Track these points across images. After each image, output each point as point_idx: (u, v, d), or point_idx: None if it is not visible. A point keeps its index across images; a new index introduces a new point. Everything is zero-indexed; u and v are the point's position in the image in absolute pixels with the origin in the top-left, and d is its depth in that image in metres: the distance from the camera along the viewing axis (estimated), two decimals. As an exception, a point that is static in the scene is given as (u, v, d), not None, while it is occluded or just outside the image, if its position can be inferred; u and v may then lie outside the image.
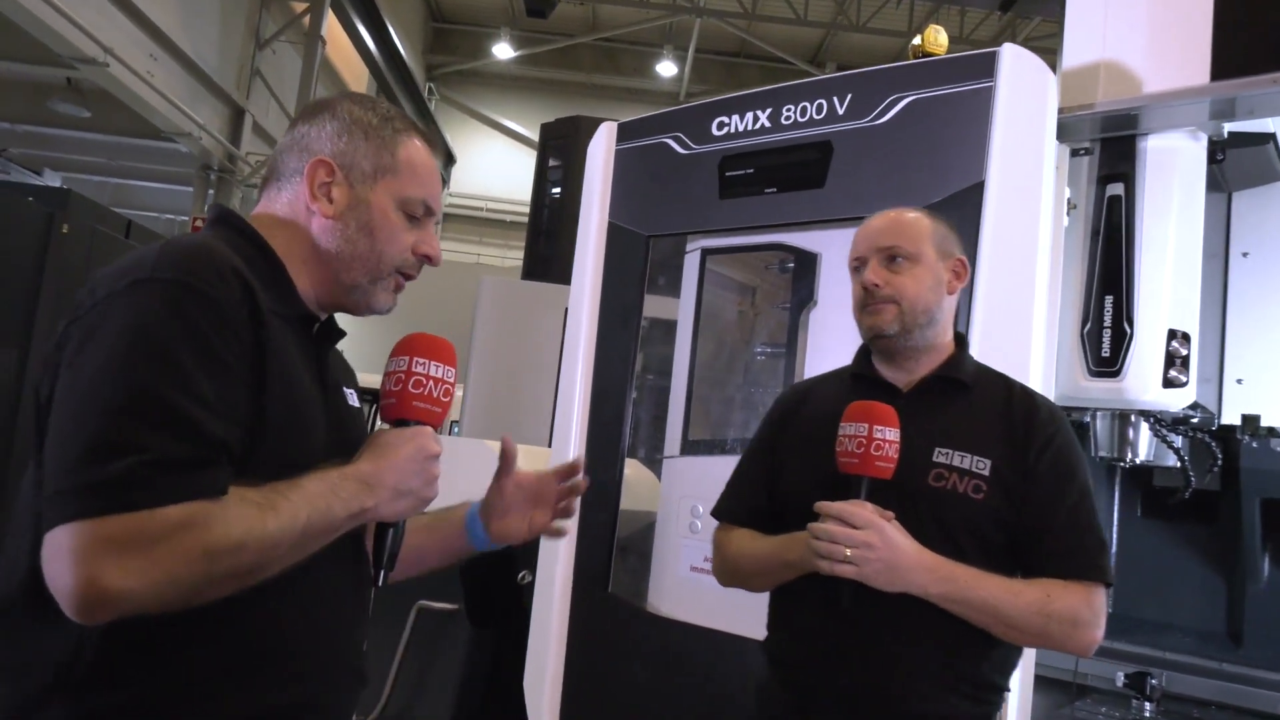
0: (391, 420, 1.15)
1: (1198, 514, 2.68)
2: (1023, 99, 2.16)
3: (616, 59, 17.12)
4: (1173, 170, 2.25)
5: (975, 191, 2.16)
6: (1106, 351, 2.23)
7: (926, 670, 1.50)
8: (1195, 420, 2.41)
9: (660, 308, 2.92)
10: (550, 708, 2.72)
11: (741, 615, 2.43)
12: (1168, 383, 2.18)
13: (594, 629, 2.71)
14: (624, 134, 2.94)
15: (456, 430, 5.35)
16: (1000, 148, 2.15)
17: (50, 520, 0.91)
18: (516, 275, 6.15)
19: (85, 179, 13.26)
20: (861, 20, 14.67)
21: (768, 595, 1.73)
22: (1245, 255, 2.58)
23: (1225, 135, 2.25)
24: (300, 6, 11.68)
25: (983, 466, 1.51)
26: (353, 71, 14.30)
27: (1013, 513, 1.51)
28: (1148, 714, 2.40)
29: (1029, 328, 2.05)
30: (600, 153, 2.94)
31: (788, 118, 2.55)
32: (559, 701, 2.72)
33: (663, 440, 2.81)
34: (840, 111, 2.44)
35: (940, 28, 3.02)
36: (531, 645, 2.79)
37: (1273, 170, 2.48)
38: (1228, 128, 2.24)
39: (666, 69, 16.35)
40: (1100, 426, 2.40)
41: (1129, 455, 2.37)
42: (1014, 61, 2.17)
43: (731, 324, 2.96)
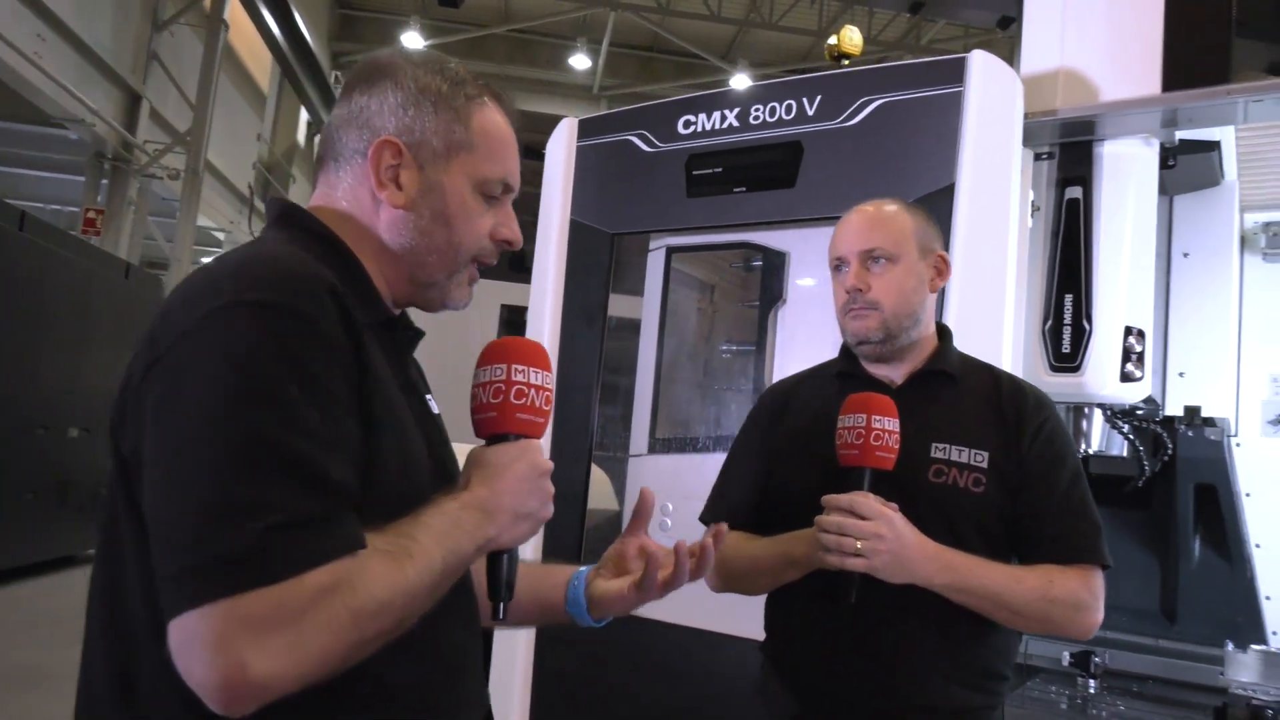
0: (489, 435, 1.03)
1: (1135, 500, 2.82)
2: (992, 104, 2.23)
3: (530, 51, 16.96)
4: (1128, 174, 2.37)
5: (946, 194, 2.23)
6: (1067, 348, 2.33)
7: (932, 662, 1.51)
8: (1142, 412, 2.54)
9: (621, 306, 2.91)
10: (520, 712, 2.69)
11: (712, 612, 2.46)
12: (1124, 377, 2.29)
13: (562, 630, 2.69)
14: (585, 130, 2.91)
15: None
16: (971, 151, 2.22)
17: (175, 605, 0.79)
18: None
19: (-38, 167, 12.42)
20: (774, 18, 14.91)
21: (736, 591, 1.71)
22: (1186, 255, 2.73)
23: (1177, 142, 2.39)
24: (201, -12, 11.20)
25: (980, 459, 1.52)
26: (256, 58, 13.78)
27: (1009, 502, 1.52)
28: (1092, 690, 2.50)
29: (1001, 326, 2.13)
30: (561, 149, 2.91)
31: (756, 117, 2.57)
32: (529, 704, 2.69)
33: (629, 438, 2.80)
34: (810, 112, 2.48)
35: (855, 28, 3.10)
36: (497, 650, 2.76)
37: (1213, 175, 2.64)
38: (1178, 135, 2.37)
39: (580, 62, 16.29)
40: (1057, 418, 2.51)
41: (1083, 445, 2.48)
42: (983, 68, 2.25)
43: (695, 322, 2.98)
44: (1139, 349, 2.30)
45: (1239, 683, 2.20)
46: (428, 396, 1.14)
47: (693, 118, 2.69)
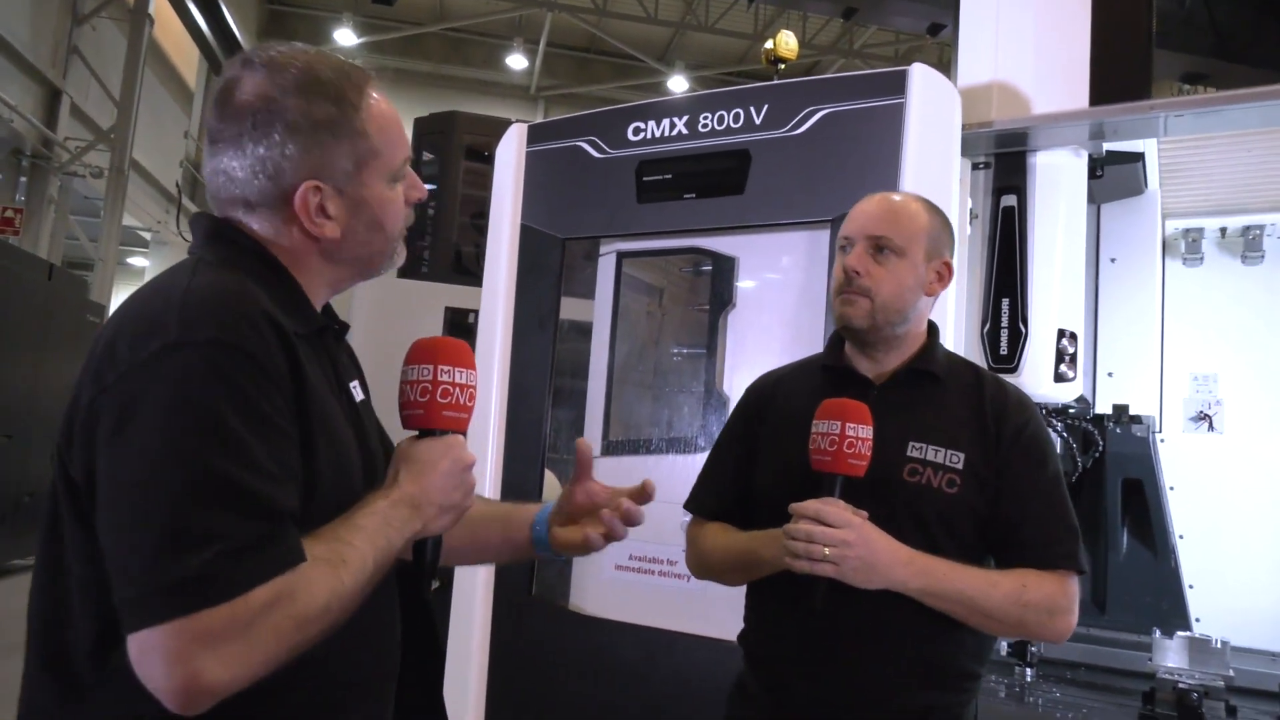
0: (418, 429, 1.11)
1: (1067, 494, 2.94)
2: (932, 116, 2.31)
3: (465, 50, 16.81)
4: (1059, 184, 2.48)
5: (889, 202, 2.30)
6: (1004, 350, 2.42)
7: (904, 663, 1.50)
8: (1074, 410, 2.65)
9: (572, 309, 2.93)
10: (475, 716, 2.69)
11: (670, 612, 2.50)
12: (1058, 377, 2.39)
13: (518, 633, 2.70)
14: (535, 136, 2.93)
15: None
16: (912, 160, 2.29)
17: (136, 622, 0.88)
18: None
19: None
20: (710, 21, 15.03)
21: (702, 593, 1.72)
22: (1113, 260, 2.86)
23: (1104, 153, 2.51)
24: (124, -19, 10.85)
25: (956, 460, 1.51)
26: (182, 53, 13.39)
27: (985, 505, 1.51)
28: (1029, 678, 2.60)
29: (945, 330, 2.19)
30: (511, 155, 2.92)
31: (705, 125, 2.62)
32: (484, 708, 2.70)
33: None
34: (758, 121, 2.54)
35: (790, 33, 3.18)
36: (452, 654, 2.75)
37: (1138, 184, 2.77)
38: (1105, 146, 2.49)
39: (517, 62, 16.20)
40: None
41: (1018, 444, 2.58)
42: (923, 80, 2.33)
43: (646, 325, 3.01)
44: (1072, 350, 2.41)
45: (1165, 668, 2.31)
46: (353, 384, 1.21)
47: (642, 124, 2.72)
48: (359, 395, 1.22)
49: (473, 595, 2.74)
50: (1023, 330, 2.41)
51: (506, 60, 16.23)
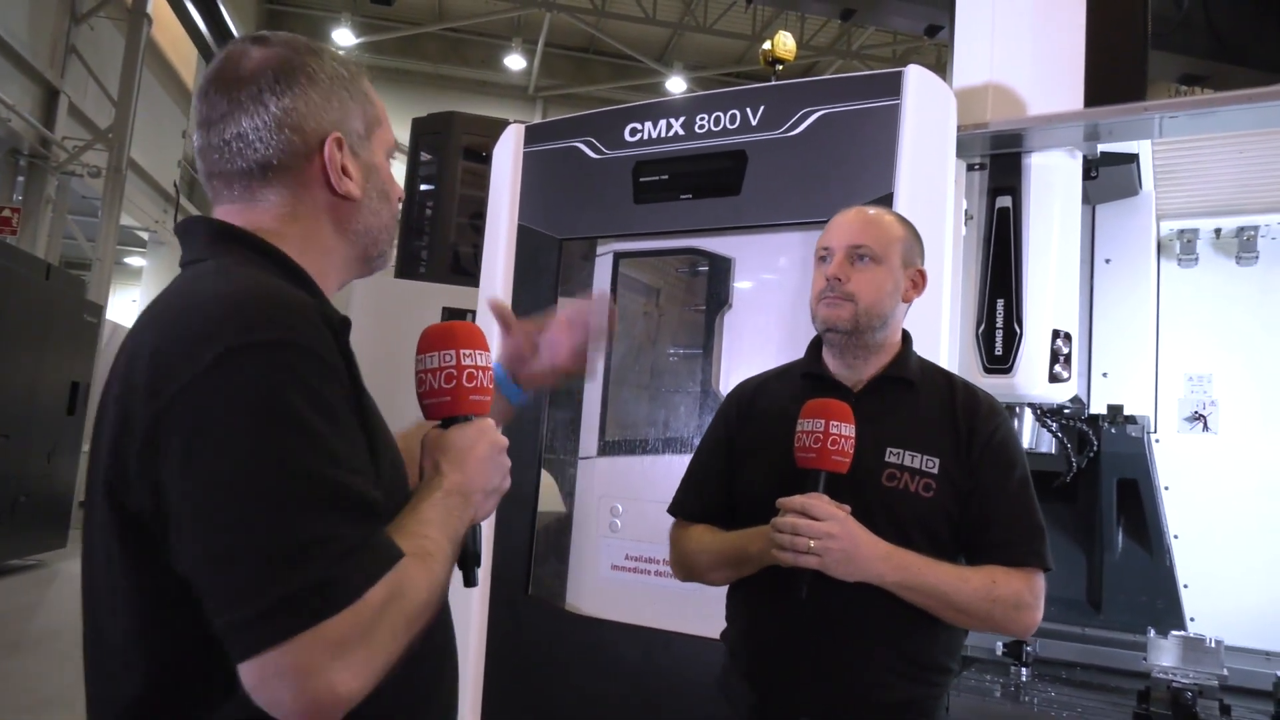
0: (443, 418, 1.08)
1: (1062, 495, 2.95)
2: (927, 117, 2.32)
3: (464, 50, 16.82)
4: (1054, 185, 2.49)
5: (884, 202, 2.30)
6: (999, 350, 2.43)
7: (881, 657, 1.58)
8: (1069, 410, 2.66)
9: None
10: (472, 716, 2.69)
11: (665, 611, 2.50)
12: (1053, 378, 2.40)
13: (514, 633, 2.71)
14: (532, 137, 2.93)
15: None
16: (908, 161, 2.30)
17: (254, 645, 0.82)
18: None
19: None
20: (708, 22, 15.05)
21: (697, 592, 1.77)
22: (1108, 261, 2.87)
23: (1099, 154, 2.51)
24: (122, -19, 10.85)
25: (932, 465, 1.59)
26: (181, 53, 13.40)
27: (958, 507, 1.59)
28: (1024, 678, 2.60)
29: (938, 330, 2.21)
30: (509, 155, 2.92)
31: (701, 126, 2.62)
32: (480, 707, 2.70)
33: (578, 441, 2.83)
34: (754, 122, 2.54)
35: (788, 34, 3.19)
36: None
37: (1132, 185, 2.78)
38: (1100, 147, 2.50)
39: (515, 62, 16.22)
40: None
41: (1014, 443, 2.58)
42: (919, 82, 2.33)
43: (643, 325, 3.02)
44: (1066, 351, 2.42)
45: (1160, 667, 2.32)
46: None
47: (639, 125, 2.72)
48: None
49: (469, 594, 2.74)
50: (1017, 331, 2.42)
51: (505, 60, 16.25)
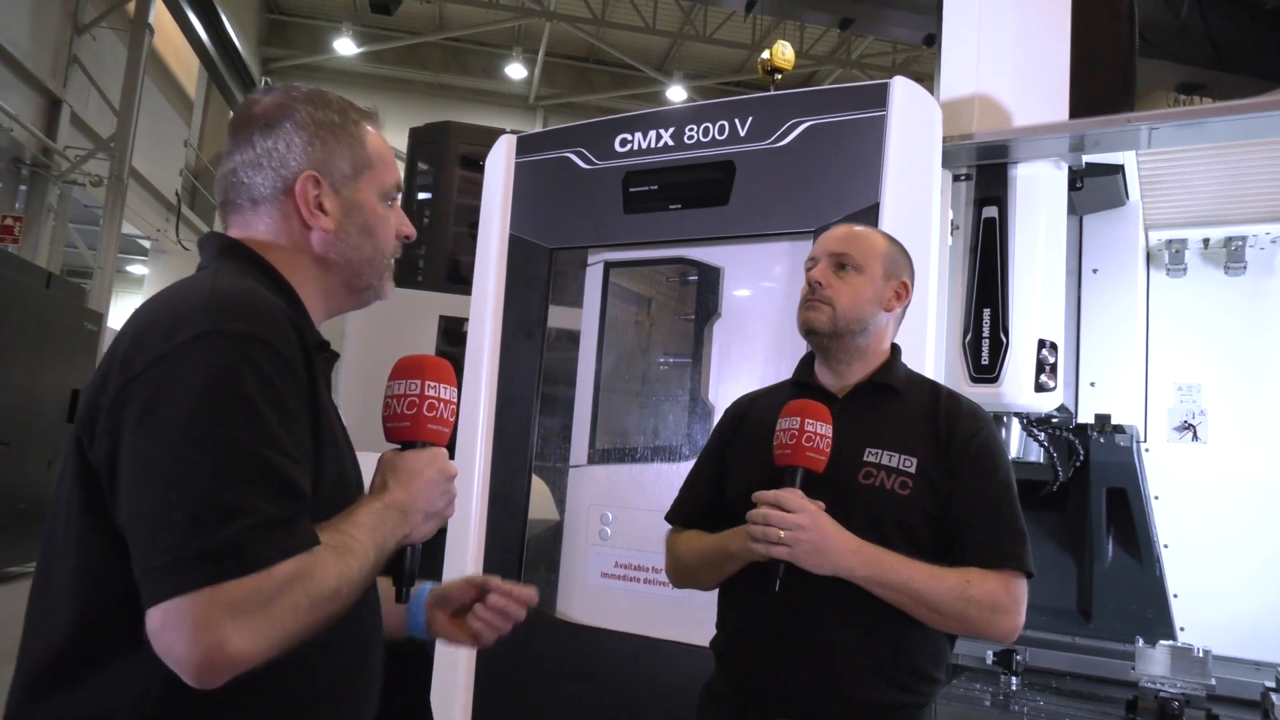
0: (401, 441, 1.18)
1: (1051, 503, 2.95)
2: (913, 128, 2.34)
3: (464, 60, 16.89)
4: (1039, 195, 2.51)
5: (871, 213, 2.33)
6: (986, 360, 2.44)
7: (862, 658, 1.58)
8: (1056, 420, 2.67)
9: (560, 318, 2.96)
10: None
11: (654, 619, 2.51)
12: (1039, 387, 2.42)
13: (505, 640, 2.71)
14: (523, 147, 2.95)
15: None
16: (894, 172, 2.32)
17: (161, 591, 0.90)
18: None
19: None
20: (708, 31, 15.10)
21: (686, 599, 1.79)
22: (1095, 271, 2.89)
23: (1084, 165, 2.53)
24: (124, -9, 10.91)
25: (909, 464, 1.60)
26: (183, 63, 13.46)
27: (937, 507, 1.59)
28: (1014, 687, 2.61)
29: (924, 340, 2.23)
30: (500, 165, 2.95)
31: (690, 137, 2.64)
32: (470, 715, 2.71)
33: (569, 449, 2.84)
34: (742, 133, 2.56)
35: (787, 43, 3.20)
36: (439, 661, 2.77)
37: (1119, 196, 2.80)
38: (1085, 158, 2.52)
39: (516, 71, 16.27)
40: (975, 427, 2.62)
41: (1001, 453, 2.59)
42: (905, 93, 2.36)
43: (633, 334, 3.03)
44: (1052, 360, 2.43)
45: (1149, 676, 2.33)
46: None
47: (629, 136, 2.75)
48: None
49: (460, 603, 2.75)
50: (1004, 340, 2.43)
51: (505, 70, 16.30)
